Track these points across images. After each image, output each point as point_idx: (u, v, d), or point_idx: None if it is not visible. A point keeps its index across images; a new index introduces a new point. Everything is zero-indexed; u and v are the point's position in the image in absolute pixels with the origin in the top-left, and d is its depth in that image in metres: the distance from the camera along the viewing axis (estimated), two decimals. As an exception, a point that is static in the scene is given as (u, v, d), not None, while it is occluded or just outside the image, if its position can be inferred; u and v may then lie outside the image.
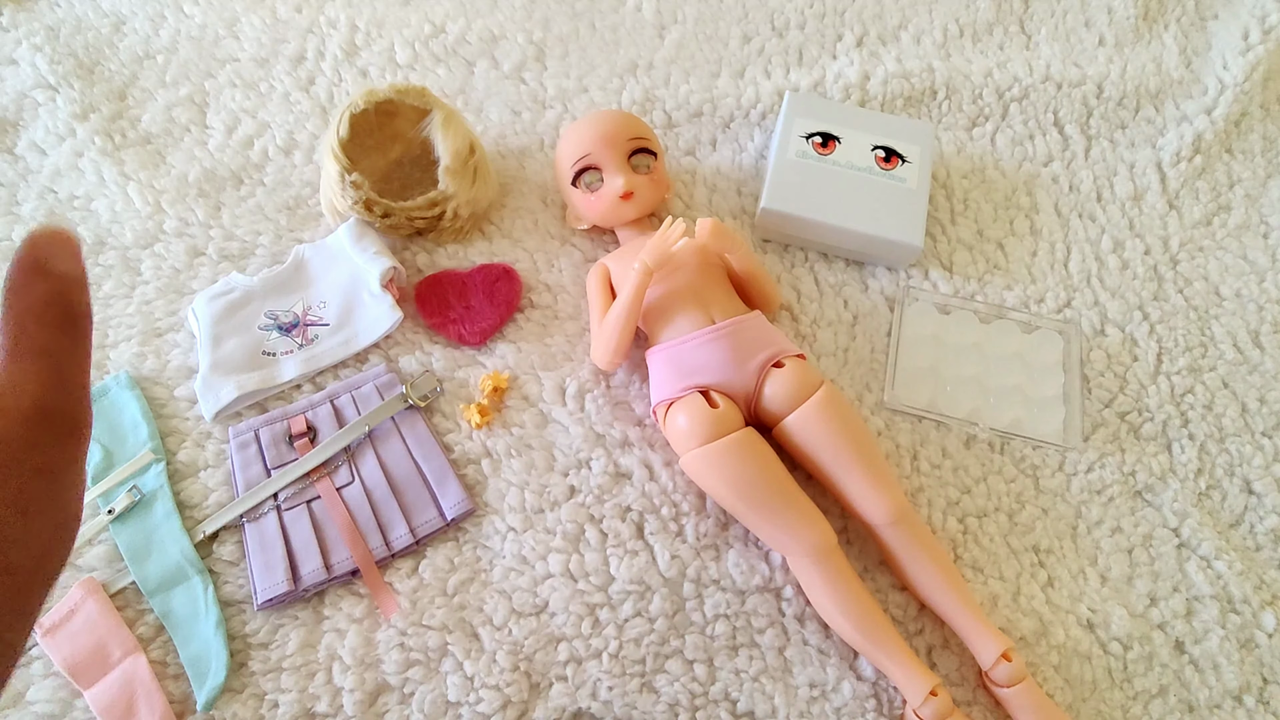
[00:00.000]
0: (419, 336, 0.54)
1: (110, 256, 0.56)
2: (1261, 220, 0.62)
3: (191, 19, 0.67)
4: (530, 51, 0.67)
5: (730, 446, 0.45)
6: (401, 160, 0.60)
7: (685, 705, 0.44)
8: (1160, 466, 0.52)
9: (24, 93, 0.62)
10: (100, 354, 0.52)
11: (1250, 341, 0.57)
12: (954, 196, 0.61)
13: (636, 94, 0.64)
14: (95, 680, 0.42)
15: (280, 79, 0.64)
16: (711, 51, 0.68)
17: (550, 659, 0.45)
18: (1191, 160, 0.64)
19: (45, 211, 0.57)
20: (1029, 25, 0.71)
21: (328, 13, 0.68)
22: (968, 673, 0.46)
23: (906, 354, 0.54)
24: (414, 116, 0.56)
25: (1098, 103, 0.66)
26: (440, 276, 0.55)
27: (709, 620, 0.46)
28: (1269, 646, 0.47)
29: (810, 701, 0.44)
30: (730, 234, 0.49)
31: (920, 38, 0.69)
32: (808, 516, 0.45)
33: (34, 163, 0.59)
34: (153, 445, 0.48)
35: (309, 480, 0.48)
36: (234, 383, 0.50)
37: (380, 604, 0.45)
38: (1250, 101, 0.66)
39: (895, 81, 0.65)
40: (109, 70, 0.64)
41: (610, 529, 0.48)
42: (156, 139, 0.61)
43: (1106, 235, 0.60)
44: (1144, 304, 0.58)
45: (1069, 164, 0.64)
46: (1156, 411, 0.54)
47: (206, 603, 0.44)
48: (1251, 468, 0.52)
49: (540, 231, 0.58)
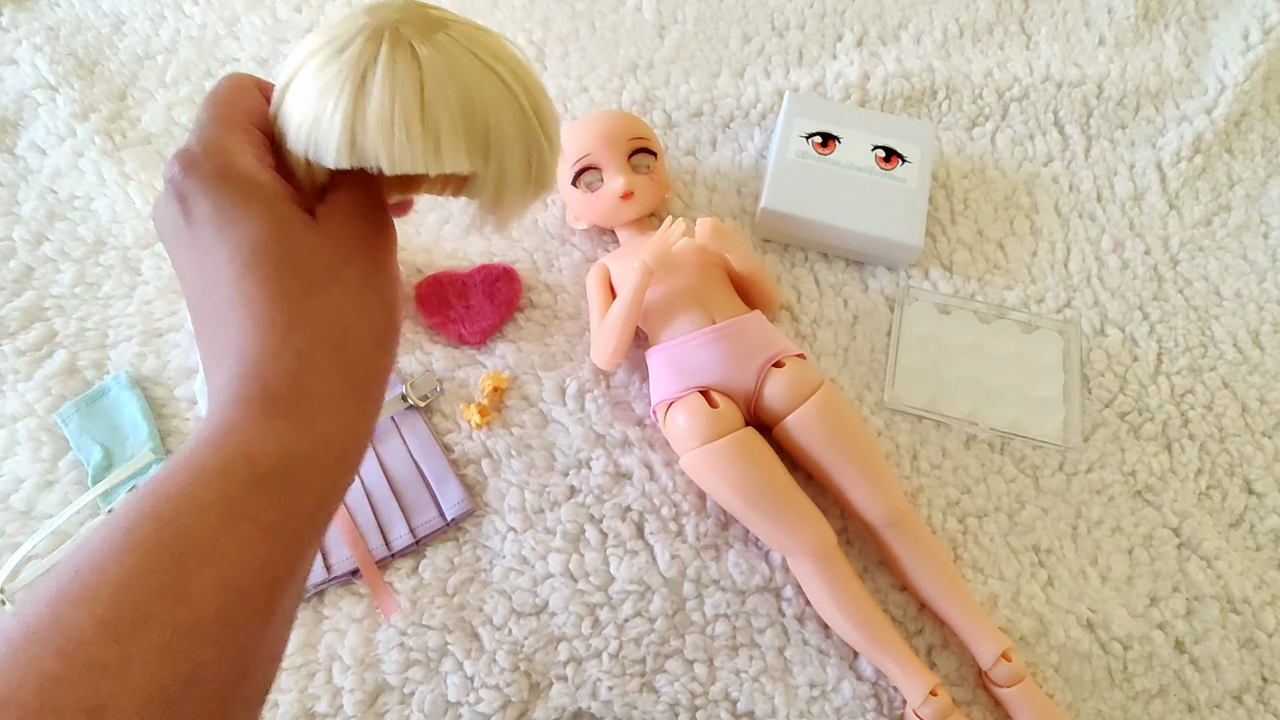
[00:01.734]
0: (419, 336, 0.54)
1: (110, 256, 0.56)
2: (1262, 220, 0.62)
3: (191, 19, 0.67)
4: (530, 51, 0.67)
5: (730, 446, 0.45)
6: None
7: (685, 705, 0.44)
8: (1160, 466, 0.52)
9: (24, 92, 0.62)
10: (100, 354, 0.52)
11: (1250, 341, 0.57)
12: (954, 196, 0.61)
13: (636, 94, 0.64)
14: (95, 680, 0.42)
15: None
16: (711, 51, 0.68)
17: (550, 659, 0.45)
18: (1191, 160, 0.64)
19: (45, 211, 0.57)
20: (1029, 25, 0.71)
21: (328, 13, 0.68)
22: (967, 672, 0.46)
23: (906, 354, 0.54)
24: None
25: (1098, 102, 0.66)
26: (440, 276, 0.55)
27: (709, 620, 0.46)
28: (1269, 646, 0.47)
29: (810, 701, 0.44)
30: (730, 234, 0.49)
31: (920, 37, 0.69)
32: (808, 516, 0.45)
33: (34, 162, 0.59)
34: (153, 445, 0.48)
35: (309, 480, 0.48)
36: (234, 383, 0.50)
37: (380, 604, 0.45)
38: (1250, 101, 0.66)
39: (895, 81, 0.65)
40: (109, 70, 0.64)
41: (610, 529, 0.48)
42: (157, 139, 0.61)
43: (1106, 235, 0.60)
44: (1144, 304, 0.58)
45: (1069, 164, 0.64)
46: (1157, 411, 0.54)
47: (206, 603, 0.44)
48: (1252, 467, 0.52)
49: (540, 231, 0.58)
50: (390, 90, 0.26)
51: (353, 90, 0.26)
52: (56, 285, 0.54)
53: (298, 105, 0.27)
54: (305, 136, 0.27)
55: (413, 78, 0.26)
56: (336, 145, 0.26)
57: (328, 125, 0.26)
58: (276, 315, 0.25)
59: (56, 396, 0.50)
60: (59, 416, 0.49)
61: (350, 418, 0.27)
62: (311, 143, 0.27)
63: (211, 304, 0.26)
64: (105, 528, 0.22)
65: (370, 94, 0.26)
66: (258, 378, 0.25)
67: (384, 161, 0.26)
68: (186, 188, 0.26)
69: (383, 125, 0.26)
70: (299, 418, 0.25)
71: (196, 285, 0.27)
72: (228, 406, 0.24)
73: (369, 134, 0.26)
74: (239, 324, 0.25)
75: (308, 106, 0.27)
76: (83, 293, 0.54)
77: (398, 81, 0.26)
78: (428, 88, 0.26)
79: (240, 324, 0.25)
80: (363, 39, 0.26)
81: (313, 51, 0.27)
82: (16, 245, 0.56)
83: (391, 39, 0.26)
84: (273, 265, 0.26)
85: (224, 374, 0.25)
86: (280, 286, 0.26)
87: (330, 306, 0.27)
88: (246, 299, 0.25)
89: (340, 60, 0.26)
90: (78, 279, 0.55)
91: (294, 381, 0.25)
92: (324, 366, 0.26)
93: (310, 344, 0.26)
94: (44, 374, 0.51)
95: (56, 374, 0.51)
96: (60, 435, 0.49)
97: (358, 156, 0.26)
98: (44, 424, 0.49)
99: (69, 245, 0.56)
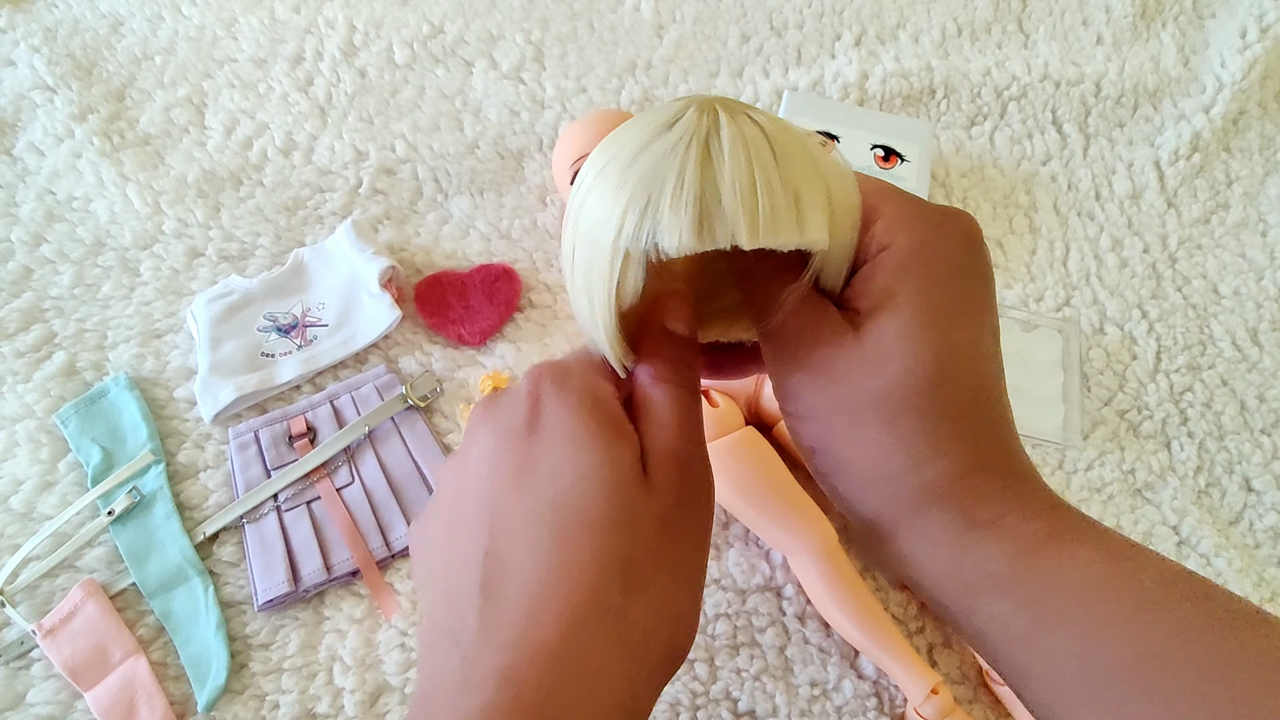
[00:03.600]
0: (419, 336, 0.54)
1: (109, 258, 0.56)
2: (1260, 218, 0.62)
3: (189, 19, 0.67)
4: (529, 51, 0.67)
5: (730, 446, 0.45)
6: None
7: (686, 704, 0.44)
8: (1159, 464, 0.52)
9: (22, 94, 0.62)
10: (99, 355, 0.52)
11: (1249, 339, 0.57)
12: (953, 195, 0.61)
13: (635, 94, 0.64)
14: (96, 682, 0.42)
15: (279, 79, 0.64)
16: (710, 51, 0.68)
17: (551, 659, 0.45)
18: (1189, 158, 0.64)
19: (44, 213, 0.57)
20: (1027, 24, 0.71)
21: (325, 13, 0.67)
22: (969, 671, 0.46)
23: (906, 353, 0.54)
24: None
25: (1096, 101, 0.66)
26: (440, 276, 0.55)
27: (709, 620, 0.46)
28: (1269, 644, 0.47)
29: (811, 700, 0.44)
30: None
31: (918, 37, 0.69)
32: (808, 516, 0.45)
33: (32, 164, 0.59)
34: (152, 447, 0.48)
35: (309, 481, 0.48)
36: (233, 384, 0.50)
37: (381, 604, 0.45)
38: (1248, 100, 0.66)
39: (894, 80, 0.65)
40: (107, 71, 0.64)
41: (611, 529, 0.48)
42: (155, 140, 0.61)
43: (1105, 233, 0.60)
44: (1143, 302, 0.58)
45: (1067, 162, 0.64)
46: (1155, 409, 0.54)
47: (207, 604, 0.44)
48: (1250, 465, 0.52)
49: (540, 231, 0.58)
50: (745, 152, 0.22)
51: (699, 156, 0.22)
52: (55, 286, 0.54)
53: (610, 201, 0.22)
54: (632, 228, 0.22)
55: (763, 141, 0.22)
56: (686, 224, 0.21)
57: (672, 200, 0.22)
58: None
59: (56, 398, 0.50)
60: (58, 418, 0.49)
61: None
62: (641, 233, 0.22)
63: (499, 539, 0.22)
64: None
65: (721, 159, 0.22)
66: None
67: (743, 233, 0.22)
68: (545, 391, 0.23)
69: (743, 190, 0.22)
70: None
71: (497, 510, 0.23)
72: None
73: (723, 202, 0.22)
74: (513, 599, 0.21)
75: (630, 191, 0.22)
76: (82, 294, 0.54)
77: (750, 144, 0.22)
78: (779, 151, 0.22)
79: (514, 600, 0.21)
80: (693, 110, 0.23)
81: (616, 148, 0.23)
82: (15, 247, 0.55)
83: (725, 109, 0.23)
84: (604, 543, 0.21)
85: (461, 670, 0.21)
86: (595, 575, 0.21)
87: (642, 613, 0.22)
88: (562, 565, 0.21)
89: (672, 133, 0.22)
90: (76, 280, 0.55)
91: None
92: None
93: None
94: (43, 375, 0.51)
95: (55, 375, 0.51)
96: (59, 437, 0.49)
97: (709, 234, 0.22)
98: (43, 425, 0.49)
99: (68, 246, 0.56)
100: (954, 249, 0.24)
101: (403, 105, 0.64)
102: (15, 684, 0.42)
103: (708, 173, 0.22)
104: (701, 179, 0.22)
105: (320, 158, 0.60)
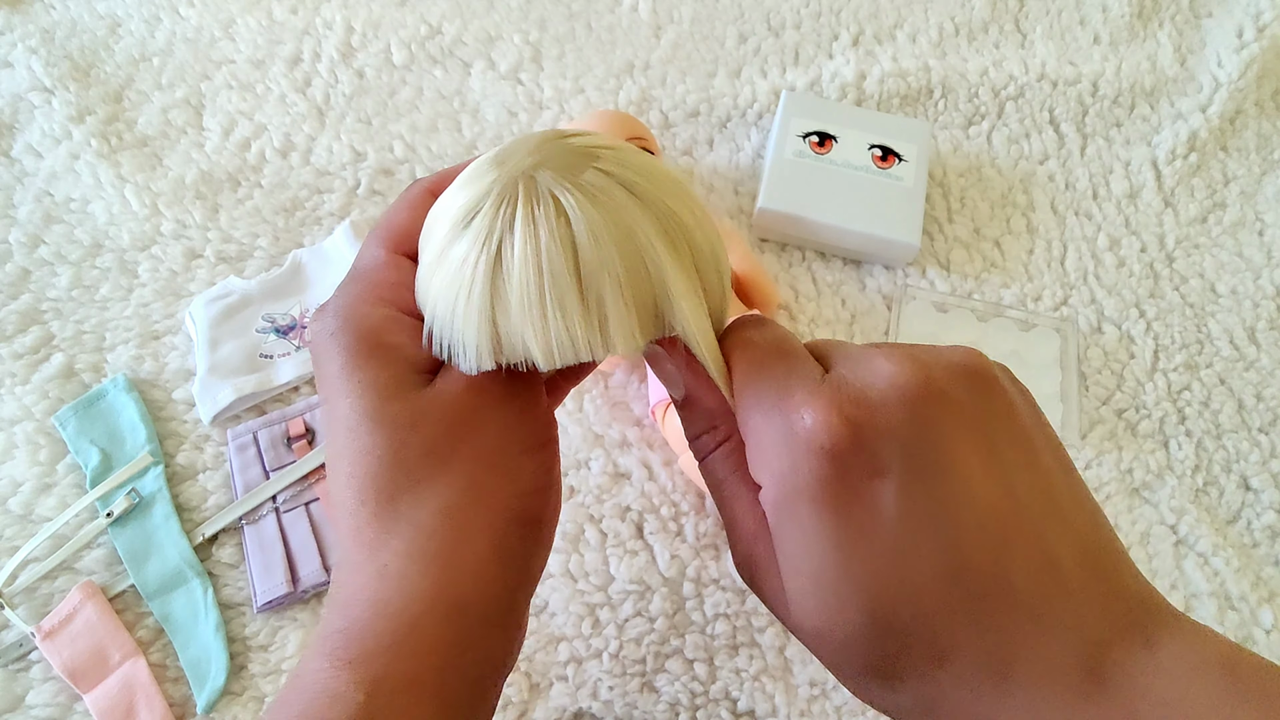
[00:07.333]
0: (417, 338, 0.54)
1: (107, 259, 0.56)
2: (1257, 217, 0.62)
3: (187, 21, 0.67)
4: (527, 52, 0.67)
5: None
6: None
7: (686, 704, 0.44)
8: (1157, 463, 0.52)
9: (19, 95, 0.62)
10: (97, 357, 0.52)
11: (1246, 338, 0.57)
12: (951, 195, 0.61)
13: (633, 94, 0.64)
14: (95, 684, 0.42)
15: (276, 80, 0.64)
16: (708, 51, 0.68)
17: (550, 659, 0.45)
18: (1186, 158, 0.64)
19: (42, 214, 0.57)
20: (1024, 24, 0.71)
21: (323, 14, 0.67)
22: (967, 670, 0.46)
23: (904, 352, 0.54)
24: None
25: (1093, 100, 0.66)
26: (438, 278, 0.55)
27: (709, 620, 0.46)
28: (1266, 643, 0.47)
29: (811, 700, 0.44)
30: (728, 233, 0.49)
31: (916, 37, 0.69)
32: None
33: (30, 165, 0.59)
34: (151, 448, 0.48)
35: (307, 482, 0.48)
36: (231, 386, 0.50)
37: (380, 605, 0.45)
38: (1245, 99, 0.66)
39: (891, 80, 0.65)
40: (105, 72, 0.64)
41: (610, 529, 0.48)
42: (153, 141, 0.61)
43: (1103, 233, 0.61)
44: (1140, 301, 0.58)
45: (1065, 162, 0.64)
46: (1153, 408, 0.54)
47: (206, 605, 0.44)
48: (1248, 464, 0.52)
49: (538, 232, 0.58)
50: (535, 262, 0.20)
51: (486, 271, 0.20)
52: (53, 288, 0.54)
53: (428, 301, 0.23)
54: (440, 339, 0.22)
55: (562, 241, 0.20)
56: (476, 347, 0.21)
57: (462, 323, 0.21)
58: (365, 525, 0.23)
59: (54, 399, 0.50)
60: (57, 420, 0.49)
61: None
62: (446, 347, 0.22)
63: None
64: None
65: (510, 273, 0.20)
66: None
67: (538, 356, 0.21)
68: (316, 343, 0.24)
69: (532, 309, 0.20)
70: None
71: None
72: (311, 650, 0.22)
73: (513, 324, 0.21)
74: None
75: (435, 304, 0.22)
76: (80, 295, 0.54)
77: (543, 251, 0.20)
78: (582, 251, 0.20)
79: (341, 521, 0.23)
80: (490, 203, 0.21)
81: (438, 223, 0.22)
82: (13, 248, 0.55)
83: (527, 193, 0.20)
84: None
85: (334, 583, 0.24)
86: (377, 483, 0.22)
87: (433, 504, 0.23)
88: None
89: (467, 236, 0.21)
90: (75, 282, 0.55)
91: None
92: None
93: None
94: (41, 377, 0.51)
95: (54, 377, 0.51)
96: (58, 438, 0.49)
97: (505, 354, 0.21)
98: (42, 427, 0.49)
99: (66, 248, 0.56)
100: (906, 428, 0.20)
101: (400, 106, 0.64)
102: (14, 686, 0.42)
103: (498, 289, 0.21)
104: (492, 298, 0.21)
105: (318, 159, 0.61)
